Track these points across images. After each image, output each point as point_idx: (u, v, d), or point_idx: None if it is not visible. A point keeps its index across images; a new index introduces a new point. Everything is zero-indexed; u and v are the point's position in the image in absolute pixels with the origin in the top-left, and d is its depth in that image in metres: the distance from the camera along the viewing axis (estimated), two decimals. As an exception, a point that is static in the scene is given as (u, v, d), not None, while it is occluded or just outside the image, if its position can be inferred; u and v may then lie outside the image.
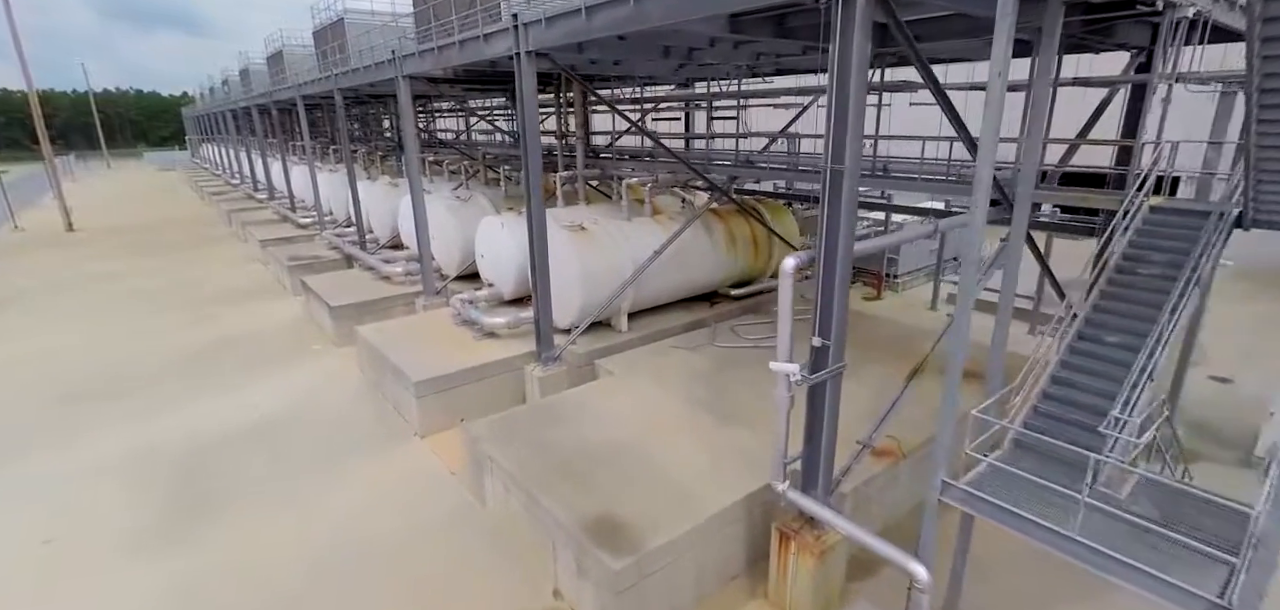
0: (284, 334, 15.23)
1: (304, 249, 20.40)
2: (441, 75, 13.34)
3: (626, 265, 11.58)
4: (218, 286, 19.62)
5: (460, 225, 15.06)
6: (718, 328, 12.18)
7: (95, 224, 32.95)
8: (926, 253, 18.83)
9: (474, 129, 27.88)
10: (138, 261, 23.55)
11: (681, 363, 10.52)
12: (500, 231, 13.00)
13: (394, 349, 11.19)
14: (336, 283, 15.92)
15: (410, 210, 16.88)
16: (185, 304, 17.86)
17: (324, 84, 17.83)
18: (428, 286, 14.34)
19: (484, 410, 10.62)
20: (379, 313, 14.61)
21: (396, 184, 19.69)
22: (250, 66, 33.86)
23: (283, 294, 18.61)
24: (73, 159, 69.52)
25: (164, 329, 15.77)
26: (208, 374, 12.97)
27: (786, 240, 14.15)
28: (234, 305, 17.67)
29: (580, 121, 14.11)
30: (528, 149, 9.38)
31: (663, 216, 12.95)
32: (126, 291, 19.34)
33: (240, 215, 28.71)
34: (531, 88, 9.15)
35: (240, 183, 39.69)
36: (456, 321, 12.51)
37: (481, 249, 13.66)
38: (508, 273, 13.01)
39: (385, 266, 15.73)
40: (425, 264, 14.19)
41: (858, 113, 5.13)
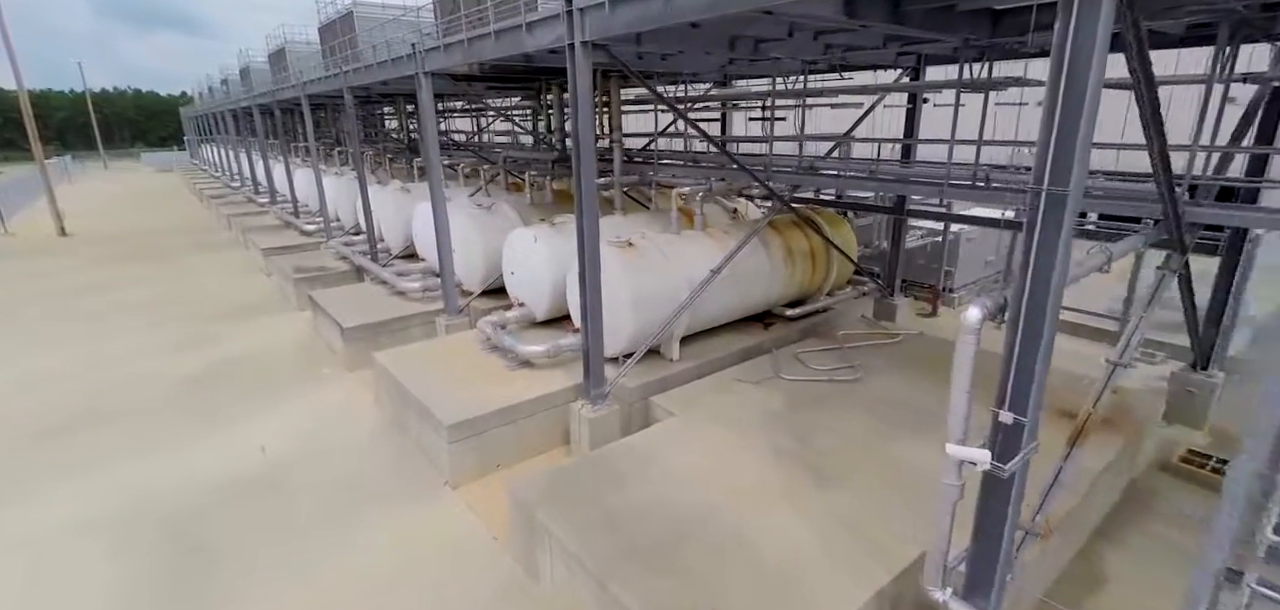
0: (290, 356, 13.87)
1: (310, 259, 19.04)
2: (465, 72, 12.03)
3: (680, 285, 10.24)
4: (218, 299, 18.25)
5: (484, 237, 13.71)
6: (779, 355, 10.84)
7: (89, 229, 31.57)
8: (980, 264, 17.51)
9: (488, 130, 26.56)
10: (132, 270, 22.17)
11: (750, 401, 9.17)
12: (534, 246, 11.66)
13: (418, 382, 9.84)
14: (347, 299, 14.56)
15: (427, 219, 15.57)
16: (182, 319, 16.49)
17: (333, 82, 16.49)
18: (450, 305, 13.00)
19: (523, 454, 9.30)
20: (395, 334, 13.26)
21: (408, 189, 18.35)
22: (251, 65, 32.58)
23: (288, 308, 17.26)
24: (69, 160, 68.07)
25: (158, 348, 14.40)
26: (207, 404, 11.61)
27: (846, 253, 12.81)
28: (235, 321, 16.31)
29: (616, 122, 12.77)
30: (581, 155, 8.03)
31: (714, 229, 11.61)
32: (119, 304, 17.97)
33: (241, 221, 27.35)
34: (587, 84, 7.81)
35: (240, 186, 38.34)
36: (485, 347, 11.16)
37: (511, 265, 12.31)
38: (542, 292, 11.67)
39: (401, 281, 14.38)
40: (447, 280, 12.85)
41: (1090, 118, 3.78)
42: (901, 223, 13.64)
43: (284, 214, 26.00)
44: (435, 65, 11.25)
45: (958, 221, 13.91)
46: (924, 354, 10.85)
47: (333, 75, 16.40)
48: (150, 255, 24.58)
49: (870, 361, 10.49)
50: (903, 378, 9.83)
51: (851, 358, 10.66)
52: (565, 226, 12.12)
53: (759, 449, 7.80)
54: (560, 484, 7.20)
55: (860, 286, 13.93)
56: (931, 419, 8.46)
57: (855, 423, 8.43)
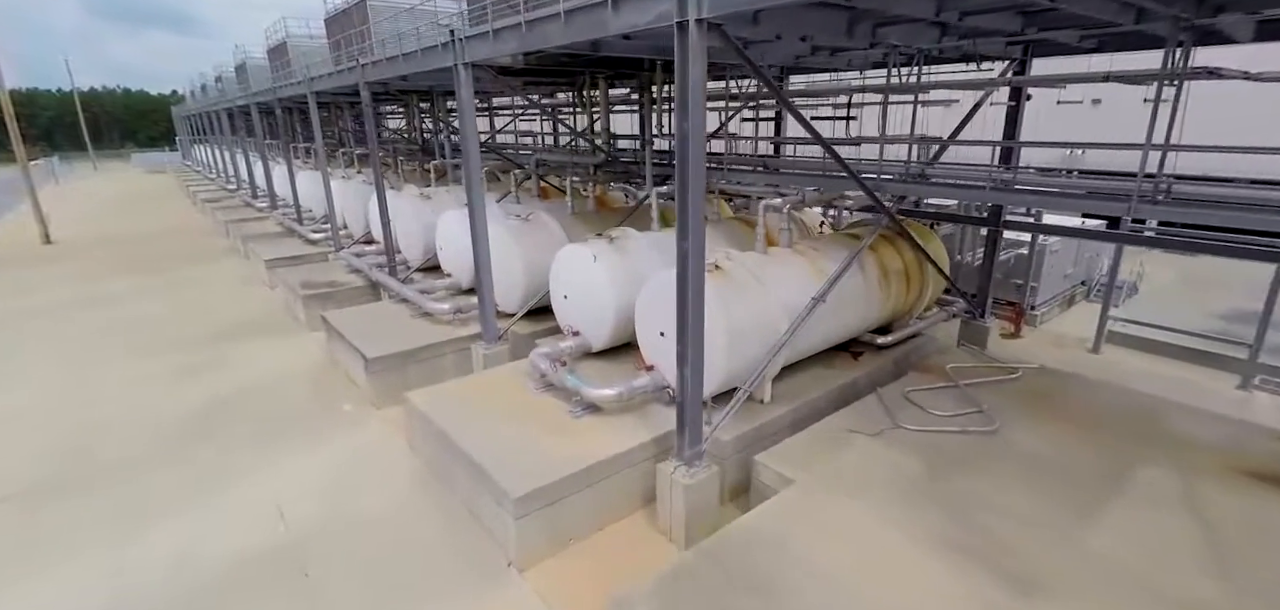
0: (304, 387, 12.19)
1: (318, 272, 17.33)
2: (509, 64, 10.39)
3: (777, 315, 8.64)
4: (217, 317, 16.52)
5: (524, 252, 12.07)
6: (885, 395, 9.24)
7: (76, 235, 29.70)
8: (1060, 278, 15.99)
9: (506, 130, 24.87)
10: (122, 283, 20.38)
11: (876, 461, 7.58)
12: (592, 267, 10.04)
13: (468, 433, 8.20)
14: (366, 322, 12.88)
15: (454, 230, 13.92)
16: (179, 342, 14.76)
17: (346, 77, 14.80)
18: (488, 331, 11.34)
19: (599, 522, 7.76)
20: (425, 365, 11.61)
21: (429, 196, 16.68)
22: (248, 61, 30.75)
23: (296, 328, 15.55)
24: (56, 161, 65.87)
25: (152, 379, 12.68)
26: (208, 452, 9.92)
27: (941, 271, 11.24)
28: (238, 343, 14.59)
29: (657, 118, 11.14)
30: (690, 163, 6.40)
31: (803, 246, 10.01)
32: (106, 325, 16.21)
33: (240, 227, 25.57)
34: (701, 74, 6.19)
35: (237, 188, 36.49)
36: (537, 386, 9.52)
37: (563, 287, 10.68)
38: (602, 320, 10.06)
39: (429, 303, 12.69)
40: (486, 304, 11.19)
41: None
42: (998, 235, 12.07)
43: (286, 220, 24.26)
44: (479, 55, 9.60)
45: (1056, 233, 12.39)
46: (1056, 394, 9.27)
47: (346, 69, 14.70)
48: (142, 265, 22.77)
49: (996, 404, 8.91)
50: (1048, 429, 8.25)
51: (972, 399, 9.08)
52: (624, 242, 10.52)
53: (916, 536, 6.20)
54: (680, 595, 5.58)
55: (948, 307, 12.38)
56: (1113, 490, 6.89)
57: (1020, 495, 6.85)
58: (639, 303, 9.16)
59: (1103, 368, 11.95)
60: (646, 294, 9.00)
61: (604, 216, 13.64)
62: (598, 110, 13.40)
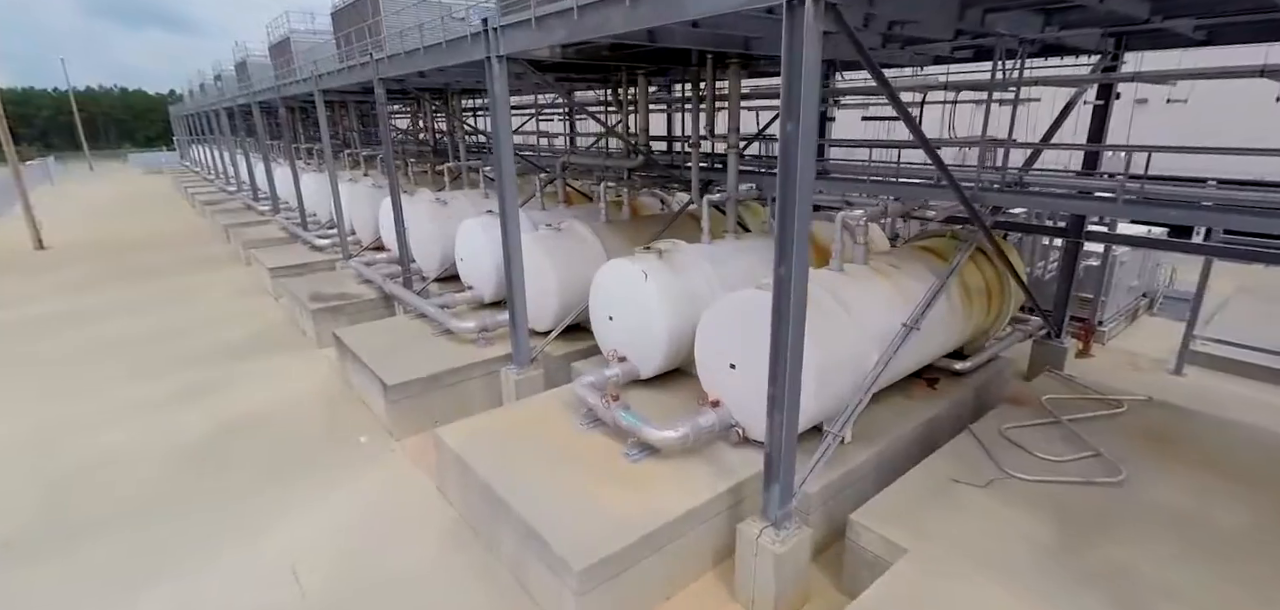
0: (315, 415, 11.06)
1: (327, 282, 16.18)
2: (547, 56, 9.31)
3: (864, 345, 7.54)
4: (219, 332, 15.38)
5: (557, 267, 10.95)
6: (982, 434, 8.13)
7: (70, 239, 28.51)
8: (1125, 291, 14.88)
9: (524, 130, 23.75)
10: (116, 293, 19.21)
11: (995, 521, 6.47)
12: (643, 286, 8.92)
13: (514, 485, 7.08)
14: (383, 340, 11.74)
15: (476, 239, 12.82)
16: (177, 361, 13.62)
17: (358, 73, 13.67)
18: (520, 355, 10.21)
19: (670, 589, 6.72)
20: (451, 392, 10.49)
21: (446, 202, 15.55)
22: (249, 59, 29.61)
23: (304, 345, 14.40)
24: (52, 162, 64.55)
25: (147, 406, 11.54)
26: (211, 497, 8.79)
27: (1024, 287, 10.14)
28: (242, 362, 13.45)
29: (735, 120, 10.03)
30: (797, 166, 5.27)
31: (879, 262, 8.89)
32: (98, 341, 15.06)
33: (240, 231, 24.41)
34: (815, 60, 5.07)
35: (237, 190, 35.31)
36: (584, 420, 8.40)
37: (608, 307, 9.56)
38: (655, 344, 8.96)
39: (452, 320, 11.55)
40: (520, 324, 10.06)
41: None
42: (1078, 246, 10.98)
43: (290, 225, 23.10)
44: (516, 46, 8.47)
45: (1143, 245, 11.29)
46: (1179, 434, 8.15)
47: (359, 65, 13.57)
48: (138, 273, 21.61)
49: (1109, 443, 7.80)
50: (1184, 480, 7.14)
51: (1081, 438, 7.97)
52: (675, 257, 9.41)
53: (1081, 628, 5.09)
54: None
55: (1022, 326, 11.28)
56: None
57: (1183, 571, 5.73)
58: (702, 328, 8.04)
59: (1196, 394, 10.82)
60: (711, 319, 7.89)
61: (640, 225, 12.52)
62: (634, 109, 12.27)
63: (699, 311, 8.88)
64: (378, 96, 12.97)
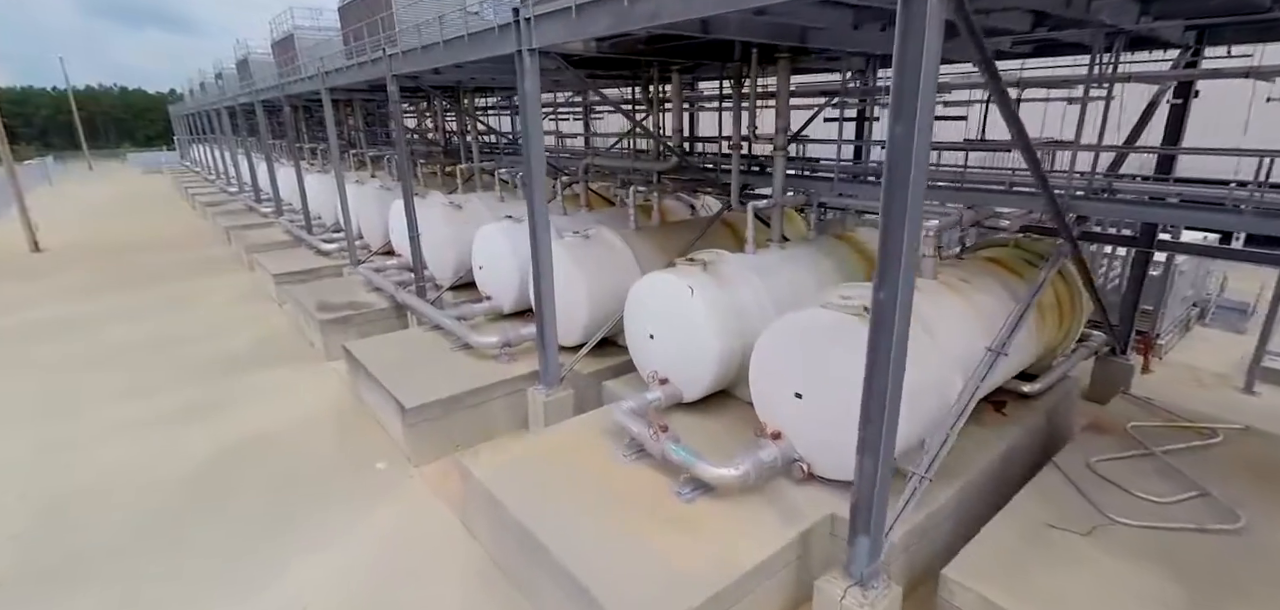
0: (325, 436, 10.27)
1: (335, 290, 15.37)
2: (582, 49, 8.54)
3: (947, 371, 6.75)
4: (222, 342, 14.58)
5: (588, 276, 10.18)
6: (1068, 468, 7.33)
7: (67, 241, 27.71)
8: (1179, 301, 14.08)
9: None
10: (115, 299, 18.42)
11: (1108, 580, 5.67)
12: (689, 303, 8.12)
13: (556, 529, 6.28)
14: (397, 355, 10.95)
15: (497, 246, 12.06)
16: (177, 373, 12.82)
17: (369, 69, 12.88)
18: (548, 373, 9.42)
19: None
20: (473, 413, 9.71)
21: (460, 205, 14.76)
22: (251, 57, 28.84)
23: (312, 357, 13.60)
24: (50, 161, 63.78)
25: (143, 426, 10.74)
26: (213, 534, 8.00)
27: (1099, 301, 9.35)
28: (245, 375, 12.65)
29: (784, 119, 9.23)
30: (910, 178, 4.47)
31: (948, 276, 8.09)
32: (96, 351, 14.26)
33: (242, 234, 23.62)
34: (936, 47, 4.27)
35: (238, 191, 34.52)
36: (627, 450, 7.60)
37: (648, 324, 8.77)
38: (702, 365, 8.18)
39: (473, 335, 10.74)
40: (549, 339, 9.27)
41: None
42: (1149, 257, 10.20)
43: (294, 227, 22.30)
44: (552, 39, 7.67)
45: (1221, 255, 10.50)
46: (1255, 467, 7.36)
47: (370, 61, 12.78)
48: (137, 278, 20.81)
49: (1216, 482, 7.00)
50: (1311, 521, 6.36)
51: (1181, 473, 7.17)
52: (721, 268, 8.64)
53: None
54: None
55: (1086, 343, 10.49)
56: None
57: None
58: (759, 351, 7.23)
59: (1274, 416, 10.03)
60: (771, 341, 7.09)
61: (671, 233, 11.71)
62: (665, 107, 11.48)
63: (747, 329, 8.14)
64: (391, 94, 12.17)
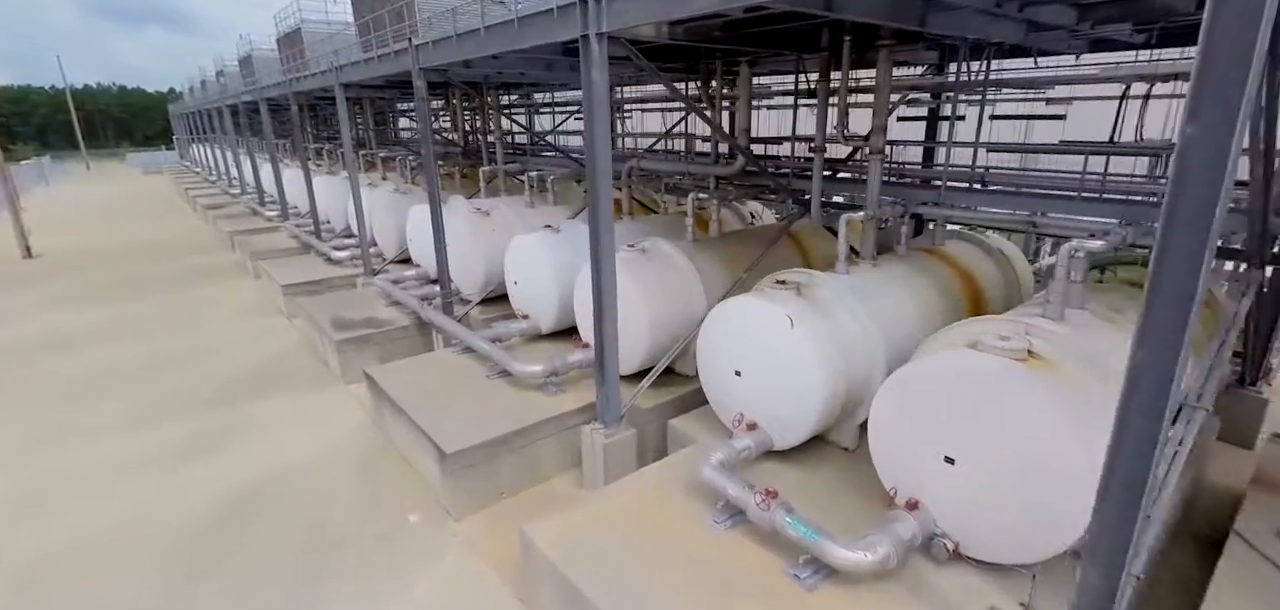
0: (347, 479, 8.99)
1: (350, 304, 14.08)
2: (653, 35, 7.29)
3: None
4: (227, 362, 13.30)
5: (650, 297, 8.91)
6: (1255, 536, 6.06)
7: (61, 247, 26.41)
8: None
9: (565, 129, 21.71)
10: (110, 311, 17.13)
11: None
12: (789, 336, 6.84)
13: (654, 631, 5.02)
14: (428, 386, 9.67)
15: (536, 256, 10.80)
16: (178, 400, 11.54)
17: (390, 63, 11.62)
18: (609, 409, 8.14)
19: None
20: (521, 456, 8.44)
21: (488, 212, 13.48)
22: (254, 53, 27.55)
23: (327, 380, 12.32)
24: (47, 161, 62.46)
25: (136, 466, 9.47)
26: (221, 599, 6.72)
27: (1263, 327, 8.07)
28: (254, 402, 11.38)
29: (884, 114, 7.96)
30: (1201, 193, 3.21)
31: (1098, 305, 6.81)
32: (88, 372, 12.96)
33: (247, 239, 22.33)
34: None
35: (241, 193, 33.23)
36: (720, 517, 6.33)
37: (733, 358, 7.47)
38: (803, 410, 6.90)
39: (514, 362, 9.42)
40: (610, 372, 8.00)
41: None
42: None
43: (302, 233, 21.01)
44: (625, 21, 6.40)
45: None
46: None
47: (391, 53, 11.52)
48: (135, 287, 19.52)
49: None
50: None
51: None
52: (816, 292, 7.37)
53: None
54: None
55: (1214, 370, 9.20)
56: None
57: None
58: (888, 400, 5.93)
59: None
60: (906, 390, 5.80)
61: (733, 247, 10.43)
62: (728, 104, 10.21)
63: (853, 365, 6.88)
64: (417, 90, 10.88)
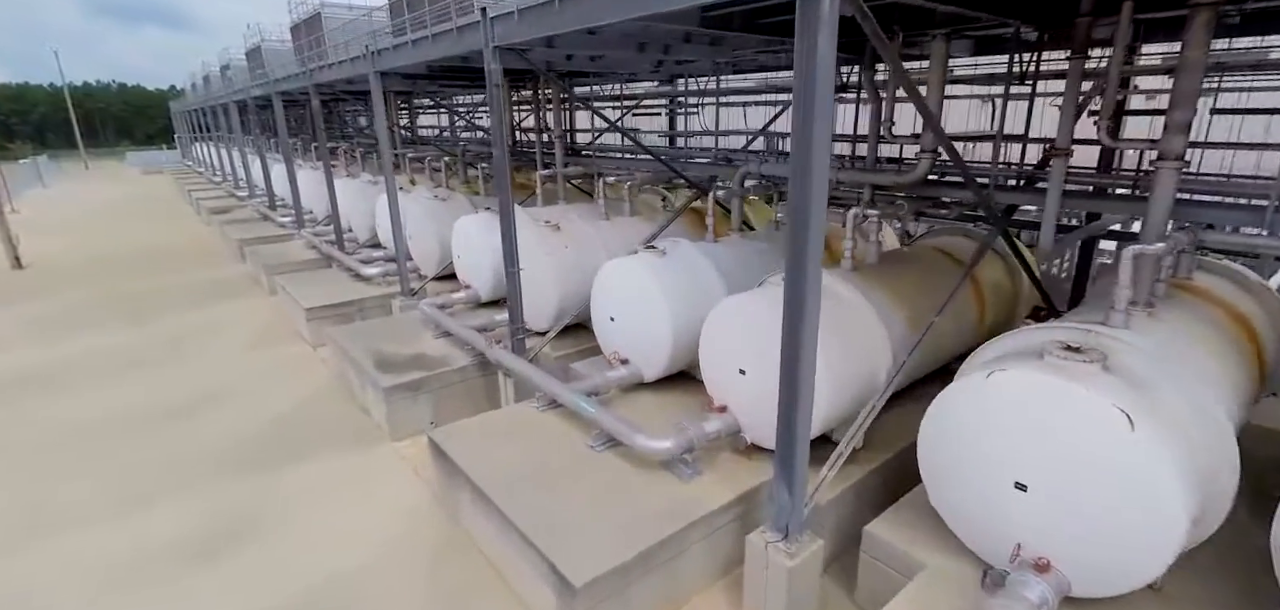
0: (414, 594, 6.66)
1: (390, 334, 11.72)
2: None
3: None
4: (243, 410, 10.97)
5: (829, 345, 6.54)
6: None
7: (54, 254, 24.10)
8: None
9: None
10: (105, 338, 14.79)
11: None
12: (1130, 438, 4.49)
13: None
14: (516, 458, 7.34)
15: (642, 287, 8.47)
16: (178, 469, 9.21)
17: (451, 42, 9.29)
18: (794, 514, 5.78)
19: None
20: (663, 574, 6.11)
21: (557, 225, 11.14)
22: (264, 44, 25.23)
23: (368, 432, 10.01)
24: (45, 160, 60.02)
25: (125, 570, 7.15)
26: None
27: None
28: (282, 470, 9.06)
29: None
30: None
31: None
32: (75, 424, 10.62)
33: (259, 249, 20.00)
34: None
35: (249, 195, 30.89)
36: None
37: (1014, 465, 5.09)
38: (1152, 546, 4.52)
39: (644, 439, 7.01)
40: (799, 456, 5.65)
41: None
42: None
43: (321, 242, 18.68)
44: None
45: None
46: None
47: (452, 30, 9.18)
48: (132, 307, 17.18)
49: None
50: None
51: None
52: (1101, 340, 5.01)
53: None
54: None
55: None
56: None
57: None
58: None
59: None
60: None
61: (902, 275, 8.08)
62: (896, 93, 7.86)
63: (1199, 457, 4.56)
64: (490, 74, 8.50)
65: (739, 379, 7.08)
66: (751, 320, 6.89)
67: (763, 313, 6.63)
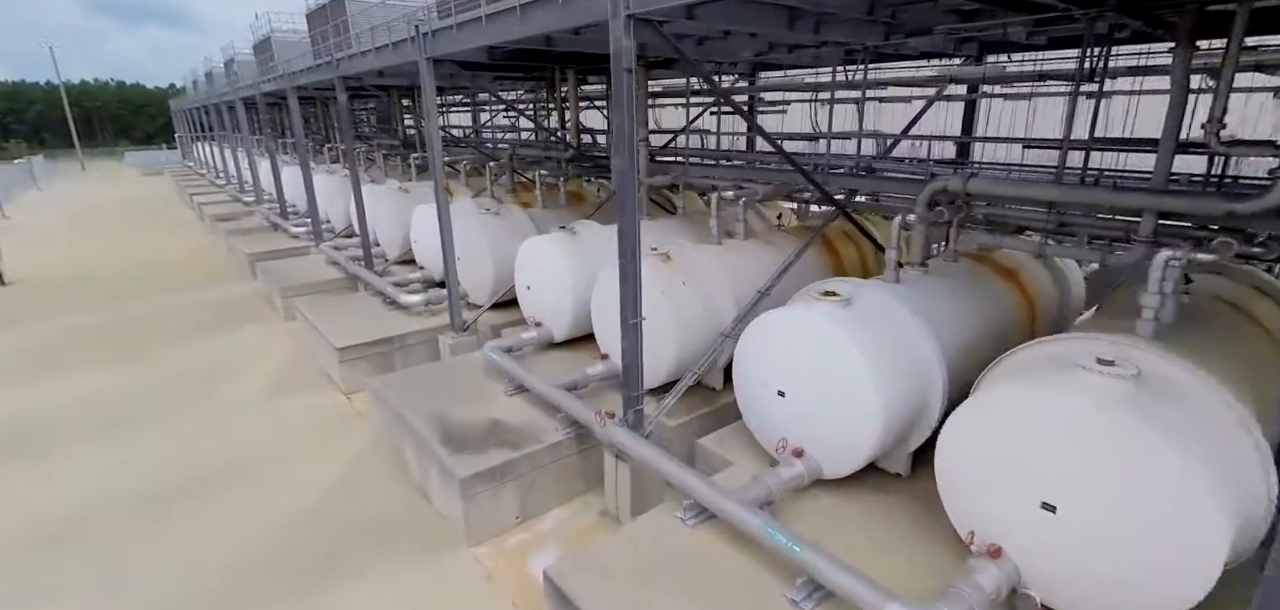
0: None
1: (451, 389, 9.29)
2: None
3: None
4: (264, 489, 8.54)
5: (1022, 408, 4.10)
6: None
7: (43, 268, 21.66)
8: None
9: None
10: (89, 383, 12.32)
11: None
12: None
13: None
14: (646, 590, 4.94)
15: (817, 341, 6.01)
16: (196, 581, 6.81)
17: (567, 15, 6.89)
18: None
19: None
20: None
21: (666, 257, 8.70)
22: (274, 35, 22.77)
23: (432, 527, 7.59)
24: (39, 161, 57.45)
25: None
26: None
27: None
28: (322, 584, 6.65)
29: None
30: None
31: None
32: (42, 516, 8.20)
33: (271, 266, 17.54)
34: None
35: (256, 200, 28.42)
36: None
37: None
38: None
39: (819, 560, 4.65)
40: None
41: None
42: None
43: (343, 257, 16.25)
44: None
45: None
46: None
47: None
48: (130, 338, 14.74)
49: None
50: None
51: None
52: None
53: None
54: None
55: None
56: None
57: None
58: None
59: None
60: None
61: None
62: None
63: None
64: (618, 53, 6.10)
65: (1040, 516, 4.63)
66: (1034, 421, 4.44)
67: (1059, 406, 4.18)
